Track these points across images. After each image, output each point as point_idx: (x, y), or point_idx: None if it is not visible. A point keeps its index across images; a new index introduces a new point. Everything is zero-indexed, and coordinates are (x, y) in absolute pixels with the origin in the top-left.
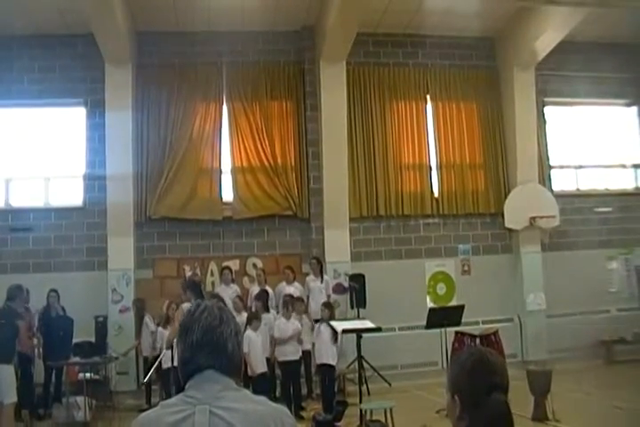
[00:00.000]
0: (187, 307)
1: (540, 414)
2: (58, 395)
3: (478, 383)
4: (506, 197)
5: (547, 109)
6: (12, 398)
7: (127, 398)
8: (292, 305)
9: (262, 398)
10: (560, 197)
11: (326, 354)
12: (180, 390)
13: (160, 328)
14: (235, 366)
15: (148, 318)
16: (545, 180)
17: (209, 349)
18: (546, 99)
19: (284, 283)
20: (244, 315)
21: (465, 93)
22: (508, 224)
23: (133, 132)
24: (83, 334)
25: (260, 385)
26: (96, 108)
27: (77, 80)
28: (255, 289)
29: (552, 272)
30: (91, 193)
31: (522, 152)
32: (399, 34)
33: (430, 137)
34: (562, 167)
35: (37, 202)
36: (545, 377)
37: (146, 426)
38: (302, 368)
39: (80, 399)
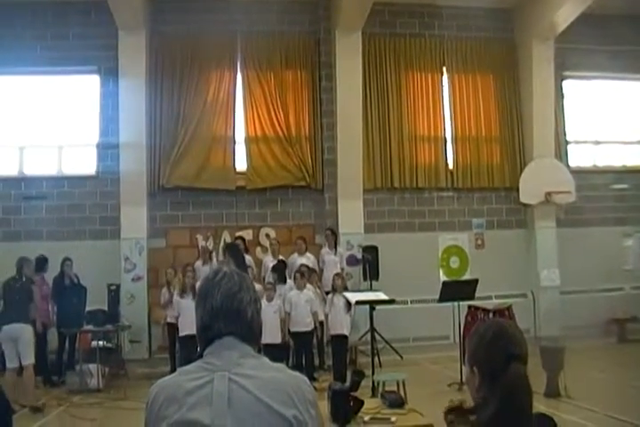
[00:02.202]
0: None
1: (552, 391)
2: (71, 362)
3: (497, 354)
4: (521, 172)
5: (565, 83)
6: (30, 359)
7: (139, 366)
8: (308, 276)
9: (281, 366)
10: (576, 172)
11: (340, 324)
12: (197, 357)
13: (177, 297)
14: (254, 334)
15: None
16: (561, 155)
17: (228, 315)
18: (564, 72)
19: (295, 254)
20: (257, 286)
21: (482, 66)
22: (522, 199)
23: (147, 101)
24: (95, 302)
25: (272, 356)
26: (109, 76)
27: (91, 48)
28: (268, 259)
29: (566, 248)
30: (104, 162)
31: (538, 126)
32: (416, 4)
33: (446, 109)
34: (579, 143)
35: (50, 170)
36: (558, 354)
37: (163, 392)
38: (314, 340)
39: (93, 367)
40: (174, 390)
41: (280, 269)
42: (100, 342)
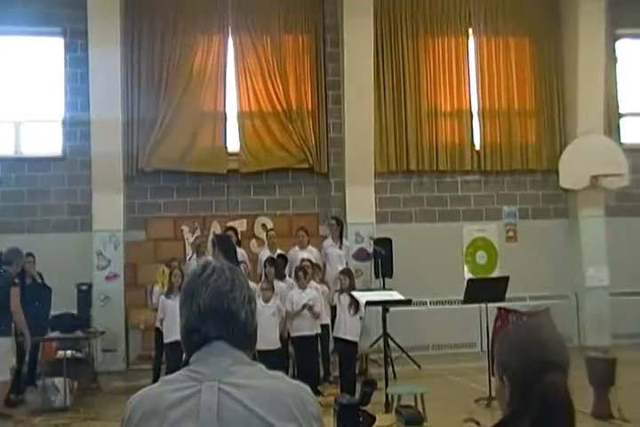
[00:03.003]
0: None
1: (602, 411)
2: (32, 377)
3: (530, 362)
4: (562, 151)
5: (618, 44)
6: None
7: (114, 379)
8: (311, 273)
9: (279, 374)
10: (630, 151)
11: (345, 328)
12: (182, 364)
13: (163, 297)
14: (247, 338)
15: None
16: (612, 130)
17: (218, 317)
18: (618, 31)
19: (296, 247)
20: (252, 284)
21: (515, 26)
22: (563, 183)
23: (122, 70)
24: (63, 305)
25: (268, 364)
26: (77, 40)
27: (54, 4)
28: (265, 254)
29: (617, 242)
30: (72, 141)
31: (585, 96)
32: None
33: (472, 78)
34: (634, 115)
35: (6, 150)
36: (608, 367)
37: (143, 405)
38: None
39: (59, 381)
40: (155, 402)
41: (280, 265)
42: (68, 352)
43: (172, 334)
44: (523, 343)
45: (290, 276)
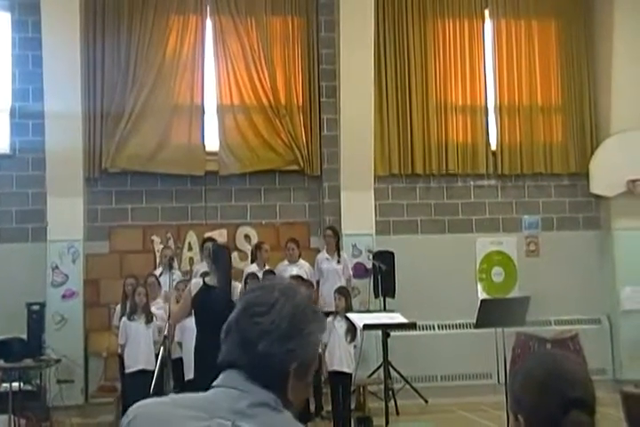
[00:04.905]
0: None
1: None
2: None
3: (550, 399)
4: (593, 153)
5: None
6: None
7: (71, 415)
8: None
9: None
10: None
11: (340, 358)
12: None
13: (125, 319)
14: (267, 375)
15: None
16: None
17: (236, 336)
18: None
19: (285, 262)
20: None
21: (539, 8)
22: (594, 189)
23: (83, 54)
24: (9, 328)
25: None
26: (27, 17)
27: None
28: (249, 269)
29: None
30: (22, 135)
31: (621, 89)
32: None
33: (488, 68)
34: None
35: None
36: None
37: (146, 422)
38: None
39: (3, 419)
40: (158, 424)
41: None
42: (15, 384)
43: (135, 362)
44: (541, 376)
45: None
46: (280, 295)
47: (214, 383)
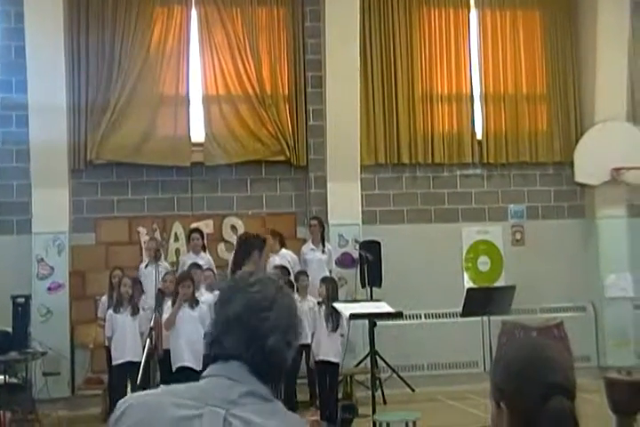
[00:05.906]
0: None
1: None
2: None
3: (531, 386)
4: (578, 141)
5: None
6: None
7: (57, 407)
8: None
9: (294, 418)
10: None
11: (326, 347)
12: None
13: (110, 311)
14: (271, 368)
15: None
16: (636, 117)
17: (242, 332)
18: None
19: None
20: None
21: None
22: (579, 178)
23: (67, 45)
24: None
25: None
26: (11, 7)
27: None
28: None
29: None
30: (5, 127)
31: (604, 78)
32: None
33: (473, 57)
34: None
35: None
36: (632, 390)
37: (138, 412)
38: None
39: None
40: (153, 413)
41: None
42: (0, 377)
43: (122, 354)
44: (522, 364)
45: None
46: (275, 289)
47: (205, 373)
